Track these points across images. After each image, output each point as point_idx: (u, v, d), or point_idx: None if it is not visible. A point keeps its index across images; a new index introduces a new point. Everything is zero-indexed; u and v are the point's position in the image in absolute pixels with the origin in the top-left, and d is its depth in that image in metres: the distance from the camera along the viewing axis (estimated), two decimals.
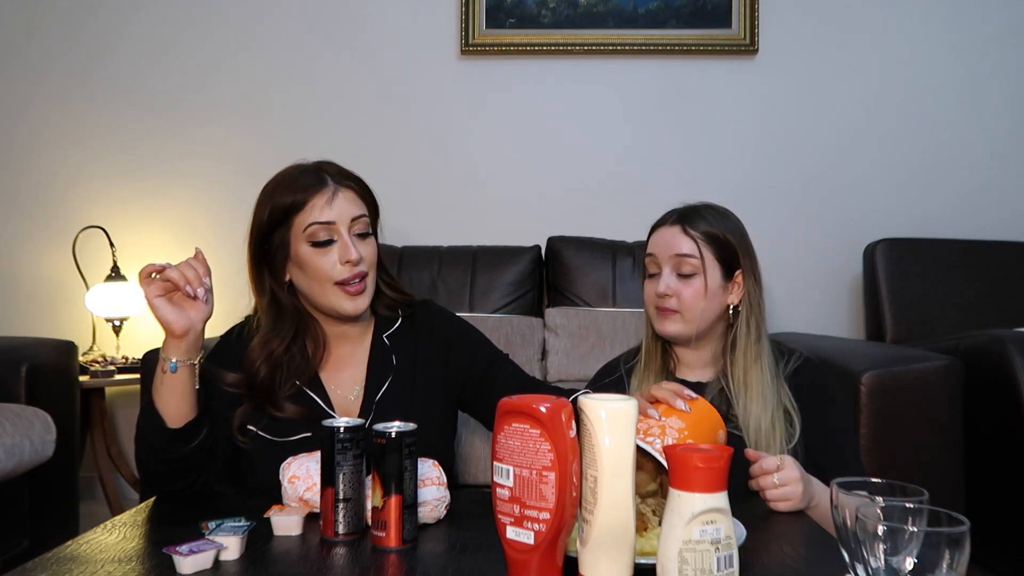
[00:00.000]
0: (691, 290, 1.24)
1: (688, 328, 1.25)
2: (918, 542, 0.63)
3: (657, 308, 1.27)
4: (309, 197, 1.17)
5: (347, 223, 1.18)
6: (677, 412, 1.00)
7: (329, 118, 2.70)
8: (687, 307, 1.25)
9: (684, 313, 1.25)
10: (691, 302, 1.24)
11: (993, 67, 2.66)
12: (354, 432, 0.92)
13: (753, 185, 2.67)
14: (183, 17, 2.72)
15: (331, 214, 1.17)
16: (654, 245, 1.29)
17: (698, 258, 1.25)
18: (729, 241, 1.27)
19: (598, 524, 0.73)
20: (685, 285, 1.25)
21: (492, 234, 2.61)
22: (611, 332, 2.25)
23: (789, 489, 1.03)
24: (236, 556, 0.85)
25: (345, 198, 1.19)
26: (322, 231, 1.17)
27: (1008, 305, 2.39)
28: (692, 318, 1.25)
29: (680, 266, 1.25)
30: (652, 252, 1.29)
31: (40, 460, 1.79)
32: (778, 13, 2.65)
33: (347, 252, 1.16)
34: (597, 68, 2.69)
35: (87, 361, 2.47)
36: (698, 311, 1.25)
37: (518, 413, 0.76)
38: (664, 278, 1.26)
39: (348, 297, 1.18)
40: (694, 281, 1.25)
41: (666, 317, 1.26)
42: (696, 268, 1.24)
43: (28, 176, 2.75)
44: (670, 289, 1.25)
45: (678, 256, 1.25)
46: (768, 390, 1.23)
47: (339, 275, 1.17)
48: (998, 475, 1.83)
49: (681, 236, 1.26)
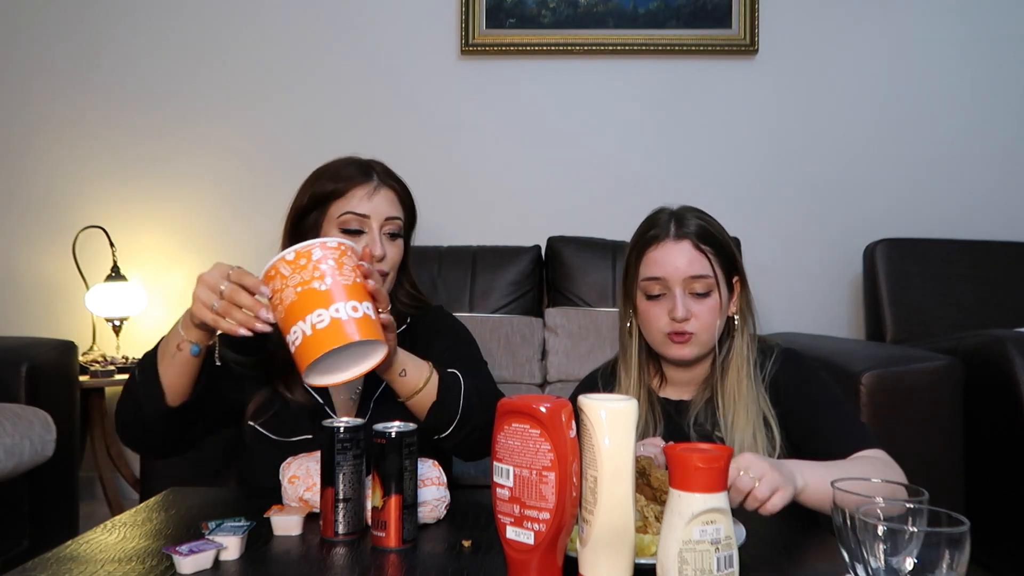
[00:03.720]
0: (707, 310, 1.16)
1: (704, 349, 1.18)
2: (918, 542, 0.63)
3: (672, 333, 1.16)
4: (351, 187, 1.21)
5: (380, 220, 1.20)
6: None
7: (329, 118, 2.70)
8: (704, 328, 1.16)
9: (700, 335, 1.16)
10: (708, 322, 1.16)
11: (993, 67, 2.66)
12: (354, 432, 0.92)
13: (753, 185, 2.67)
14: (183, 18, 2.72)
15: (368, 207, 1.20)
16: (661, 266, 1.17)
17: (711, 275, 1.16)
18: (728, 246, 1.20)
19: (598, 524, 0.73)
20: (701, 305, 1.16)
21: (492, 234, 2.61)
22: (611, 332, 2.25)
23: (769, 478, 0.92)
24: (236, 556, 0.85)
25: (385, 197, 1.22)
26: (355, 221, 1.19)
27: (1008, 305, 2.39)
28: (708, 340, 1.17)
29: (695, 287, 1.16)
30: (660, 275, 1.17)
31: (40, 460, 1.79)
32: (778, 13, 2.65)
33: (373, 247, 1.18)
34: (597, 68, 2.69)
35: (87, 361, 2.47)
36: (714, 331, 1.17)
37: (518, 413, 0.76)
38: (680, 301, 1.15)
39: None
40: (709, 300, 1.16)
41: (684, 343, 1.16)
42: (711, 286, 1.16)
43: (28, 176, 2.75)
44: (690, 311, 1.15)
45: (693, 278, 1.15)
46: (750, 401, 1.16)
47: None
48: (998, 475, 1.83)
49: (693, 253, 1.16)
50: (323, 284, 0.88)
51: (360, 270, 0.94)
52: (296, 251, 0.90)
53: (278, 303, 0.89)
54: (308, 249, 0.90)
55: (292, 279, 0.88)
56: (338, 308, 0.87)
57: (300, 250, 0.90)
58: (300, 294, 0.88)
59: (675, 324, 1.16)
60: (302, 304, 0.87)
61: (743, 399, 1.16)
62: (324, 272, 0.89)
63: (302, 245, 0.90)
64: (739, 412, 1.16)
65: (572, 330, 2.28)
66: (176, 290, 2.69)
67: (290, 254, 0.89)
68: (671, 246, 1.17)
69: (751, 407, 1.16)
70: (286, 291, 0.88)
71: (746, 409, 1.16)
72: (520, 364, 2.24)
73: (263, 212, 2.68)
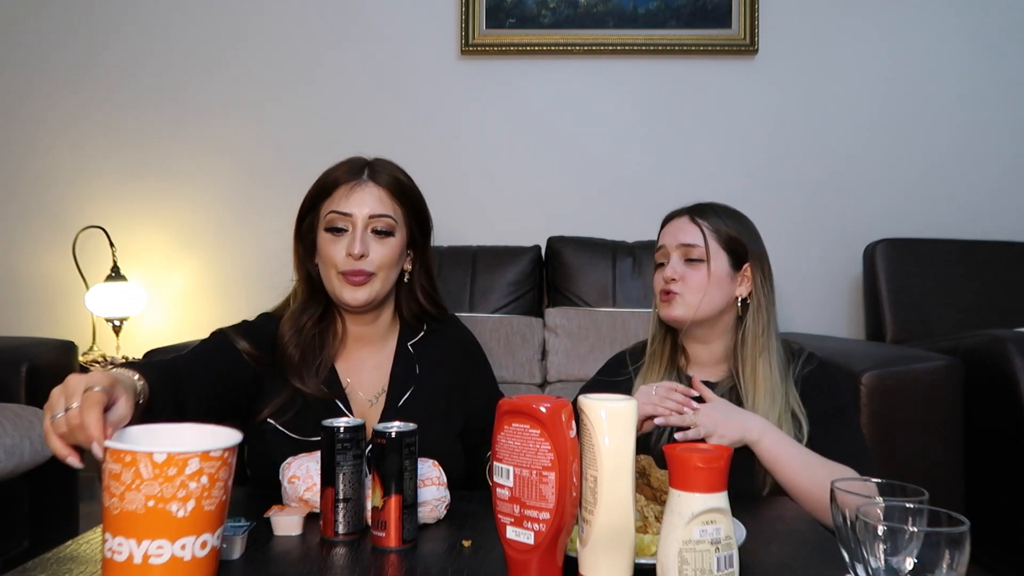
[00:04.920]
0: (696, 275, 1.29)
1: (688, 312, 1.28)
2: (918, 542, 0.63)
3: (661, 292, 1.31)
4: (336, 185, 1.20)
5: (364, 217, 1.19)
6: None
7: (329, 118, 2.70)
8: (690, 290, 1.28)
9: (686, 296, 1.28)
10: (695, 286, 1.28)
11: (994, 67, 2.66)
12: (354, 432, 0.92)
13: (753, 185, 2.67)
14: (182, 18, 2.72)
15: (349, 206, 1.19)
16: (663, 237, 1.35)
17: (703, 245, 1.29)
18: (736, 233, 1.31)
19: (598, 524, 0.73)
20: (691, 270, 1.29)
21: (492, 234, 2.61)
22: (611, 332, 2.25)
23: (704, 421, 1.18)
24: (236, 556, 0.85)
25: (370, 193, 1.20)
26: (338, 219, 1.19)
27: (1008, 305, 2.39)
28: (693, 302, 1.28)
29: (687, 253, 1.30)
30: (661, 244, 1.34)
31: (40, 460, 1.79)
32: (778, 13, 2.65)
33: (352, 244, 1.17)
34: (597, 68, 2.69)
35: (87, 361, 2.47)
36: (700, 296, 1.28)
37: (518, 413, 0.76)
38: (671, 264, 1.30)
39: (348, 286, 1.19)
40: (700, 267, 1.29)
41: (670, 301, 1.30)
42: (702, 255, 1.29)
43: (28, 176, 2.75)
44: (676, 273, 1.29)
45: (685, 245, 1.30)
46: (776, 389, 1.24)
47: (342, 266, 1.19)
48: (998, 475, 1.83)
49: (688, 225, 1.31)
50: (183, 510, 0.71)
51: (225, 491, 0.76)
52: (169, 455, 0.71)
53: (116, 495, 0.71)
54: (184, 459, 0.71)
55: (148, 487, 0.70)
56: (184, 544, 0.71)
57: (175, 456, 0.71)
58: (150, 510, 0.70)
59: (663, 284, 1.31)
60: (144, 523, 0.70)
61: (766, 383, 1.24)
62: (191, 493, 0.71)
63: (180, 452, 0.71)
64: (760, 396, 1.24)
65: (572, 330, 2.28)
66: (176, 290, 2.69)
67: (160, 456, 0.70)
68: (674, 221, 1.35)
69: (777, 396, 1.24)
70: (134, 495, 0.70)
71: (771, 396, 1.24)
72: (520, 364, 2.24)
73: (263, 212, 2.68)
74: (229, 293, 2.68)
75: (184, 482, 0.71)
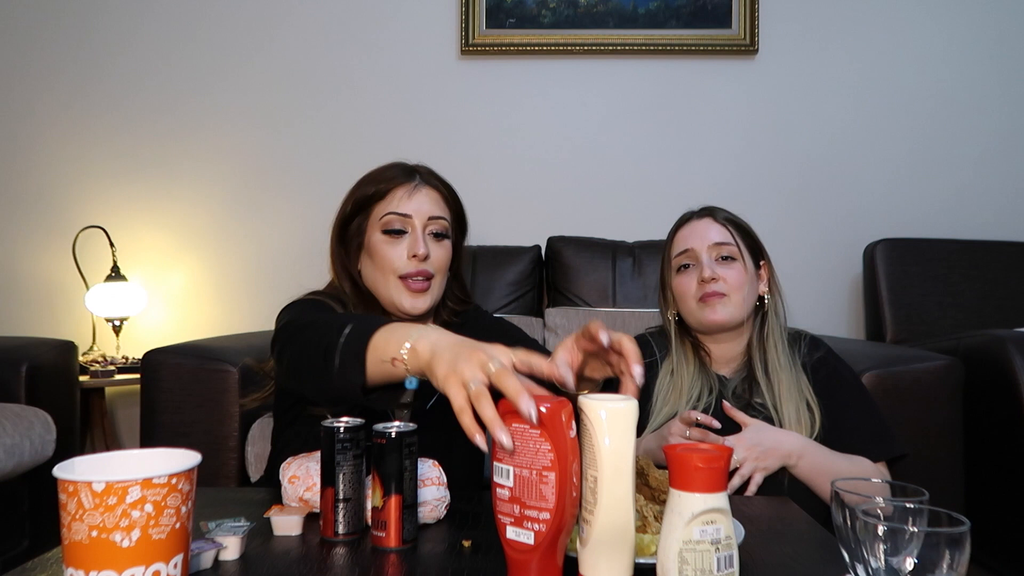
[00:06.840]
0: (733, 273, 1.26)
1: (737, 312, 1.25)
2: (918, 542, 0.63)
3: (703, 296, 1.26)
4: (392, 188, 1.20)
5: (423, 219, 1.20)
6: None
7: (329, 118, 2.70)
8: (734, 289, 1.25)
9: (732, 295, 1.25)
10: (735, 284, 1.25)
11: (993, 67, 2.66)
12: (354, 432, 0.92)
13: (753, 185, 2.67)
14: (183, 19, 2.72)
15: (409, 207, 1.19)
16: (687, 240, 1.30)
17: (734, 243, 1.27)
18: (750, 231, 1.32)
19: (598, 524, 0.73)
20: (728, 269, 1.26)
21: (492, 234, 2.61)
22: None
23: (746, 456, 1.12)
24: (236, 556, 0.85)
25: (427, 196, 1.22)
26: (397, 221, 1.19)
27: (1008, 305, 2.39)
28: (740, 301, 1.26)
29: (719, 252, 1.27)
30: (687, 247, 1.29)
31: (40, 460, 1.79)
32: (778, 13, 2.65)
33: (416, 246, 1.17)
34: (597, 68, 2.69)
35: (87, 361, 2.47)
36: (742, 295, 1.26)
37: (518, 413, 0.75)
38: (706, 264, 1.26)
39: (409, 293, 1.18)
40: (734, 265, 1.26)
41: (715, 302, 1.25)
42: (735, 253, 1.27)
43: (28, 176, 2.75)
44: (716, 274, 1.25)
45: (717, 244, 1.27)
46: (792, 382, 1.25)
47: (404, 268, 1.18)
48: (998, 475, 1.83)
49: (714, 224, 1.29)
50: (127, 540, 0.67)
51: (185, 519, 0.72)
52: (108, 484, 0.67)
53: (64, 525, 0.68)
54: (124, 487, 0.67)
55: (90, 517, 0.67)
56: (134, 574, 0.68)
57: (114, 485, 0.67)
58: (94, 540, 0.67)
59: (705, 286, 1.25)
60: (91, 554, 0.67)
61: (785, 373, 1.25)
62: (135, 522, 0.67)
63: (119, 480, 0.67)
64: (783, 386, 1.24)
65: (572, 330, 2.25)
66: (176, 290, 2.69)
67: (99, 485, 0.67)
68: (696, 223, 1.31)
69: (792, 386, 1.25)
70: (79, 525, 0.67)
71: (788, 386, 1.24)
72: None
73: (263, 212, 2.68)
74: (229, 293, 2.68)
75: (126, 511, 0.67)
